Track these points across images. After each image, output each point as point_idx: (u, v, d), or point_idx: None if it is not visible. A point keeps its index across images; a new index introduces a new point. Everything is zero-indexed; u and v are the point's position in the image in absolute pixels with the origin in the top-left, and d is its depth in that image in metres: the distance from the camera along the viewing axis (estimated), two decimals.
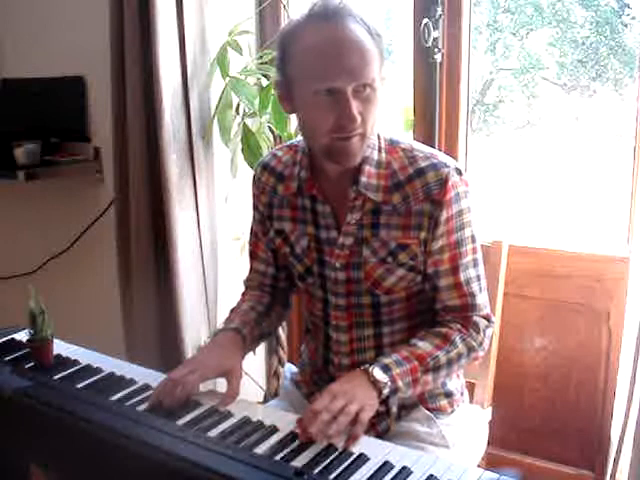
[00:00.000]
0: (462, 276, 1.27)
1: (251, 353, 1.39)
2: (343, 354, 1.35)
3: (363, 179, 1.25)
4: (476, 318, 1.29)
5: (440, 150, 1.63)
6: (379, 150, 1.27)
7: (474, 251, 1.29)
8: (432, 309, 1.32)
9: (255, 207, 1.43)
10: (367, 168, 1.25)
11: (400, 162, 1.26)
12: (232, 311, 1.43)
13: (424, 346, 1.24)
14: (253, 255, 1.47)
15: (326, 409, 1.07)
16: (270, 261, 1.44)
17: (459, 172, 1.26)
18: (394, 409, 1.18)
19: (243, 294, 1.48)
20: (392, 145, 1.29)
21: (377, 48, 1.17)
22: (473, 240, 1.29)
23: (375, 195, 1.25)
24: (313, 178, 1.30)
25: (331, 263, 1.31)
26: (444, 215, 1.24)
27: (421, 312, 1.34)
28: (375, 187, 1.25)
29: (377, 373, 1.16)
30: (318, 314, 1.38)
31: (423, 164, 1.25)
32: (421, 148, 1.29)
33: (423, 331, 1.28)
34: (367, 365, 1.18)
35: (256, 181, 1.41)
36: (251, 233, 1.47)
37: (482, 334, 1.29)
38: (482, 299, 1.30)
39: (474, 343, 1.28)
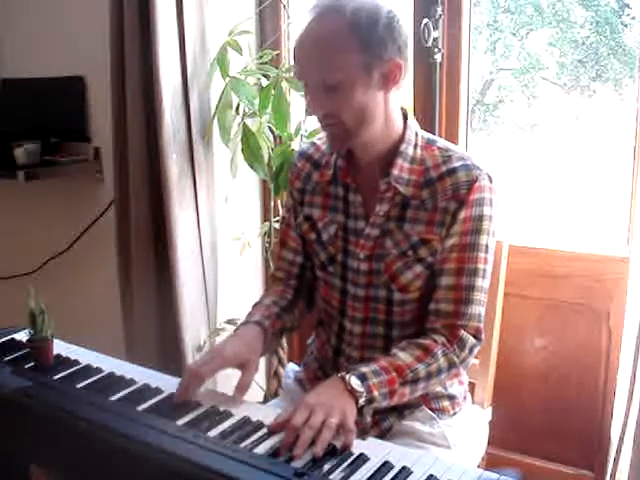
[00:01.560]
0: (465, 280, 1.26)
1: None
2: (354, 346, 1.36)
3: (395, 172, 1.28)
4: (463, 333, 1.26)
5: None
6: (415, 146, 1.30)
7: (485, 261, 1.28)
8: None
9: (289, 194, 1.47)
10: (400, 162, 1.28)
11: (434, 160, 1.28)
12: (254, 306, 1.42)
13: (404, 357, 1.22)
14: (282, 243, 1.48)
15: (308, 426, 1.04)
16: (299, 250, 1.45)
17: (490, 179, 1.27)
18: (368, 419, 1.17)
19: (267, 288, 1.48)
20: (429, 143, 1.31)
21: (355, 38, 1.16)
22: (487, 250, 1.27)
23: (405, 189, 1.28)
24: (348, 167, 1.33)
25: (355, 253, 1.32)
26: (463, 214, 1.25)
27: None
28: (406, 181, 1.28)
29: (354, 382, 1.14)
30: (335, 304, 1.38)
31: (457, 164, 1.26)
32: (457, 149, 1.31)
33: (405, 341, 1.26)
34: (344, 373, 1.16)
35: (292, 168, 1.46)
36: (282, 221, 1.51)
37: (467, 351, 1.27)
38: (477, 310, 1.27)
39: (456, 359, 1.25)
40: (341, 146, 1.29)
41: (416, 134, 1.31)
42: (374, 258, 1.31)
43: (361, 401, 1.14)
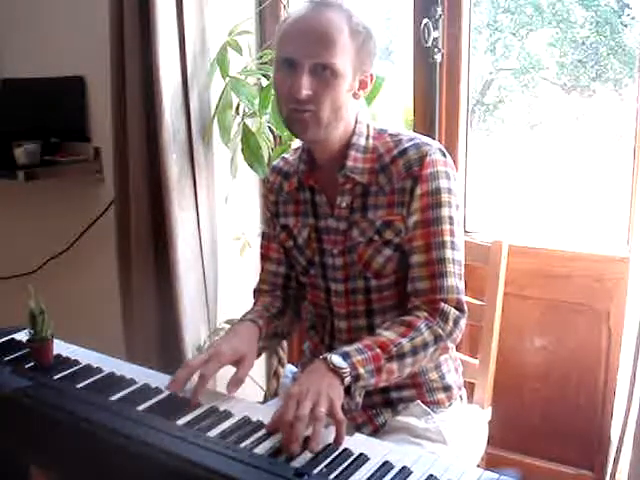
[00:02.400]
0: (434, 254, 1.27)
1: None
2: (343, 342, 1.36)
3: (349, 163, 1.31)
4: (444, 306, 1.26)
5: None
6: (366, 137, 1.34)
7: (451, 233, 1.28)
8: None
9: (266, 208, 1.51)
10: (353, 153, 1.32)
11: (386, 146, 1.32)
12: (245, 314, 1.43)
13: (388, 334, 1.22)
14: (264, 257, 1.50)
15: (297, 419, 1.03)
16: (282, 261, 1.47)
17: (442, 153, 1.30)
18: (358, 399, 1.15)
19: (254, 303, 1.49)
20: (380, 132, 1.35)
21: (354, 43, 1.23)
22: (451, 222, 1.28)
23: (361, 177, 1.31)
24: (310, 171, 1.37)
25: (329, 250, 1.36)
26: (419, 190, 1.27)
27: None
28: (361, 170, 1.32)
29: (335, 360, 1.13)
30: (323, 304, 1.41)
31: (407, 144, 1.30)
32: (408, 133, 1.34)
33: (388, 322, 1.27)
34: (325, 354, 1.16)
35: (265, 183, 1.51)
36: (262, 236, 1.52)
37: (451, 323, 1.26)
38: (453, 282, 1.27)
39: (441, 332, 1.24)
40: (312, 135, 1.28)
41: (367, 126, 1.35)
42: (346, 251, 1.34)
43: (347, 379, 1.13)
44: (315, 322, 1.46)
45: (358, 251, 1.32)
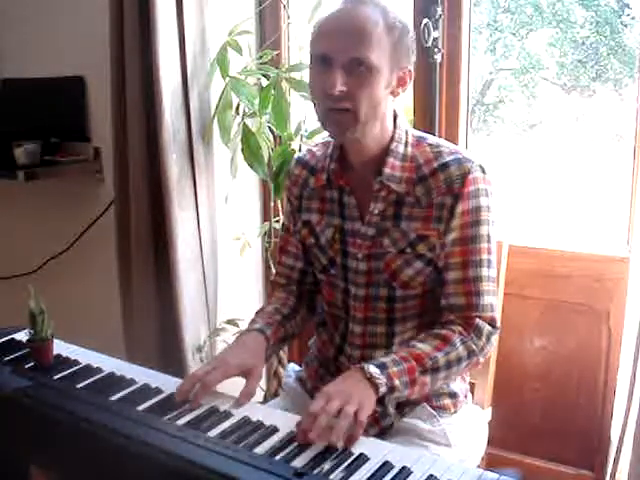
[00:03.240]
0: (471, 272, 1.27)
1: None
2: (355, 346, 1.36)
3: (387, 170, 1.29)
4: (479, 322, 1.27)
5: None
6: (405, 144, 1.31)
7: (488, 251, 1.29)
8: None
9: (288, 200, 1.48)
10: (391, 160, 1.29)
11: (425, 156, 1.30)
12: (257, 313, 1.43)
13: (423, 347, 1.23)
14: (282, 250, 1.49)
15: (324, 412, 1.06)
16: (299, 256, 1.45)
17: (483, 170, 1.28)
18: (391, 409, 1.17)
19: (269, 296, 1.50)
20: (419, 140, 1.33)
21: (390, 38, 1.20)
22: (489, 240, 1.29)
23: (398, 186, 1.29)
24: (341, 170, 1.34)
25: (353, 254, 1.33)
26: (460, 208, 1.26)
27: (433, 314, 1.33)
28: (398, 179, 1.29)
29: (373, 370, 1.15)
30: (339, 305, 1.39)
31: (448, 158, 1.28)
32: (448, 144, 1.32)
33: (423, 333, 1.28)
34: (362, 363, 1.18)
35: (290, 175, 1.47)
36: (282, 229, 1.52)
37: (484, 339, 1.28)
38: (488, 300, 1.29)
39: (474, 347, 1.26)
40: (347, 135, 1.25)
41: (406, 132, 1.33)
42: (372, 257, 1.32)
43: (382, 389, 1.14)
44: (326, 320, 1.46)
45: (386, 259, 1.30)
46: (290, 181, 1.46)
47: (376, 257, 1.31)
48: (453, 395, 1.39)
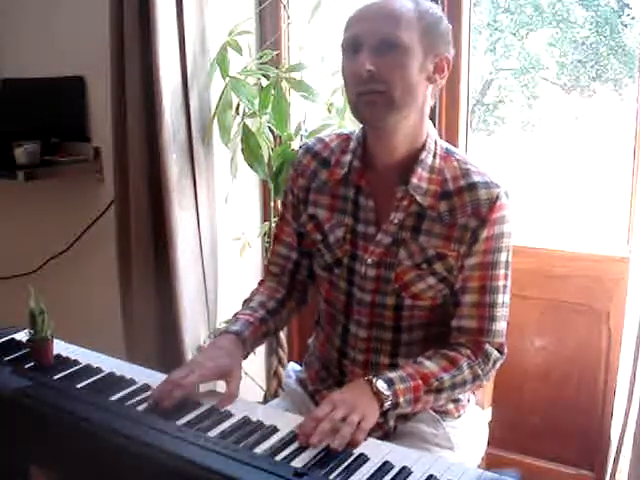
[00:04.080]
0: (488, 297, 1.27)
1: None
2: (359, 350, 1.35)
3: (414, 180, 1.25)
4: (488, 347, 1.27)
5: None
6: (434, 156, 1.27)
7: (505, 277, 1.29)
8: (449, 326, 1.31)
9: (290, 190, 1.41)
10: (420, 171, 1.25)
11: (453, 172, 1.27)
12: (243, 304, 1.41)
13: (430, 366, 1.23)
14: (277, 238, 1.45)
15: (328, 418, 1.06)
16: (294, 246, 1.42)
17: (507, 196, 1.28)
18: (391, 423, 1.18)
19: (260, 283, 1.46)
20: (447, 153, 1.29)
21: (421, 23, 1.18)
22: (507, 267, 1.29)
23: (422, 199, 1.25)
24: (363, 169, 1.30)
25: (363, 258, 1.30)
26: (485, 233, 1.25)
27: (441, 325, 1.33)
28: (424, 191, 1.25)
29: (380, 385, 1.15)
30: (339, 307, 1.36)
31: (476, 179, 1.25)
32: (475, 163, 1.29)
33: (432, 350, 1.27)
34: (371, 376, 1.18)
35: (296, 164, 1.39)
36: (279, 217, 1.48)
37: (490, 365, 1.28)
38: (500, 327, 1.29)
39: (480, 372, 1.27)
40: (382, 117, 1.20)
41: (435, 142, 1.29)
42: (383, 265, 1.29)
43: (387, 404, 1.15)
44: (323, 318, 1.43)
45: (397, 270, 1.28)
46: (296, 170, 1.39)
47: (387, 266, 1.29)
48: (456, 401, 1.39)
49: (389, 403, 1.15)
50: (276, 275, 1.45)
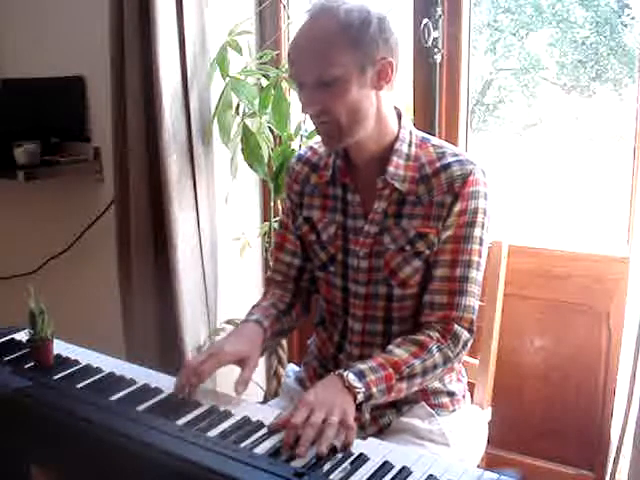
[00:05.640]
0: (459, 271, 1.28)
1: None
2: (355, 344, 1.37)
3: (391, 169, 1.30)
4: (457, 328, 1.28)
5: None
6: (409, 144, 1.33)
7: (479, 254, 1.30)
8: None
9: (287, 197, 1.48)
10: (395, 159, 1.31)
11: (429, 156, 1.32)
12: (253, 307, 1.44)
13: (400, 353, 1.23)
14: (279, 246, 1.49)
15: (309, 425, 1.04)
16: (297, 253, 1.46)
17: (484, 173, 1.30)
18: (367, 416, 1.18)
19: (265, 293, 1.49)
20: (423, 141, 1.35)
21: (348, 38, 1.20)
22: (481, 243, 1.30)
23: (401, 185, 1.30)
24: (346, 168, 1.36)
25: (355, 251, 1.34)
26: (458, 207, 1.27)
27: None
28: (402, 177, 1.30)
29: (351, 378, 1.15)
30: (338, 303, 1.40)
31: (450, 159, 1.30)
32: (451, 146, 1.34)
33: (400, 338, 1.28)
34: (341, 370, 1.18)
35: (290, 171, 1.48)
36: (280, 225, 1.52)
37: (460, 346, 1.29)
38: (471, 302, 1.29)
39: (450, 354, 1.27)
40: (335, 144, 1.31)
41: (410, 133, 1.34)
42: (373, 255, 1.33)
43: (360, 397, 1.15)
44: (325, 318, 1.46)
45: (385, 257, 1.32)
46: (291, 178, 1.47)
47: (377, 255, 1.33)
48: (451, 394, 1.40)
49: (362, 395, 1.15)
50: (281, 283, 1.48)
